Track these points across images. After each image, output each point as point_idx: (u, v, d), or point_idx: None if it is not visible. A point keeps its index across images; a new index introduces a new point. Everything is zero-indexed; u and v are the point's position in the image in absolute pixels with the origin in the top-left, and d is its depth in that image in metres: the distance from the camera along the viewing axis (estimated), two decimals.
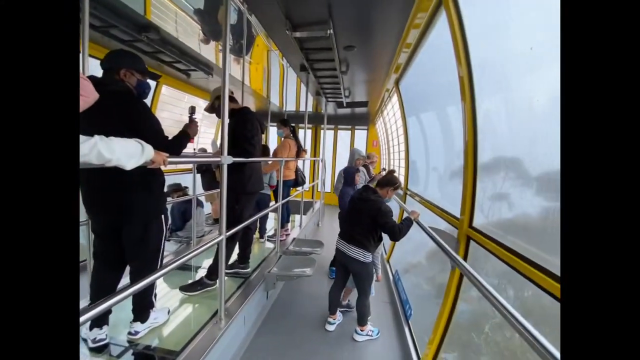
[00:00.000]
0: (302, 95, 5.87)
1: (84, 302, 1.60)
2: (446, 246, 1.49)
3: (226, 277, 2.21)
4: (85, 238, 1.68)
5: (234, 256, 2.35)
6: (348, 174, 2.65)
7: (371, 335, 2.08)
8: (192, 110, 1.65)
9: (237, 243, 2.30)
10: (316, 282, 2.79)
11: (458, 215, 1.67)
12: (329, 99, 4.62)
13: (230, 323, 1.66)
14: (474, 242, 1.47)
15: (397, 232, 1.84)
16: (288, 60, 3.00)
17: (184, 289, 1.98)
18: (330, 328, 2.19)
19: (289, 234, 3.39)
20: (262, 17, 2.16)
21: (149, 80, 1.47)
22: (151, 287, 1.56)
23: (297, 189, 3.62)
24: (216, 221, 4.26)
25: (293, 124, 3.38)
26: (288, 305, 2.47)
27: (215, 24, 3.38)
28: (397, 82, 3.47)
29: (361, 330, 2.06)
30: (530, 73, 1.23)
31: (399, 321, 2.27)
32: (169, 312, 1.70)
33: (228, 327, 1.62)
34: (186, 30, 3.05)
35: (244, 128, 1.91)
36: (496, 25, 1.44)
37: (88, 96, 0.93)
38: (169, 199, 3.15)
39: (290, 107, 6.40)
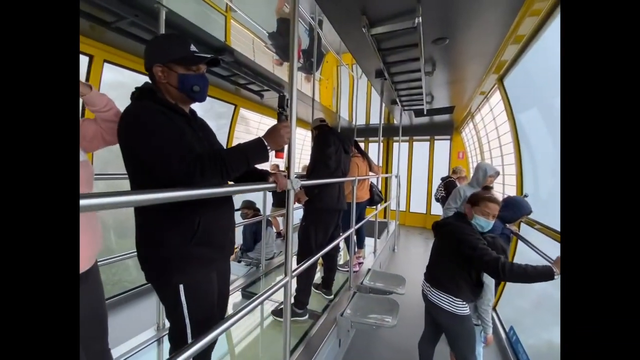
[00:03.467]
0: (373, 107, 5.51)
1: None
2: None
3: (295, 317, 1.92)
4: None
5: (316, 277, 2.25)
6: (517, 205, 1.80)
7: None
8: (284, 102, 1.06)
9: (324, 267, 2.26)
10: (401, 330, 2.25)
11: None
12: (405, 107, 4.11)
13: None
14: None
15: (499, 266, 1.17)
16: (362, 66, 2.68)
17: (275, 313, 1.97)
18: None
19: (362, 263, 2.96)
20: (334, 17, 1.90)
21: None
22: None
23: (374, 207, 3.18)
24: (279, 234, 4.12)
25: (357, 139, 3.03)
26: (365, 357, 2.02)
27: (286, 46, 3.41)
28: (500, 79, 2.76)
29: None
30: None
31: None
32: None
33: None
34: (259, 50, 3.11)
35: (318, 149, 1.95)
36: None
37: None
38: (239, 218, 3.15)
39: (360, 120, 6.10)
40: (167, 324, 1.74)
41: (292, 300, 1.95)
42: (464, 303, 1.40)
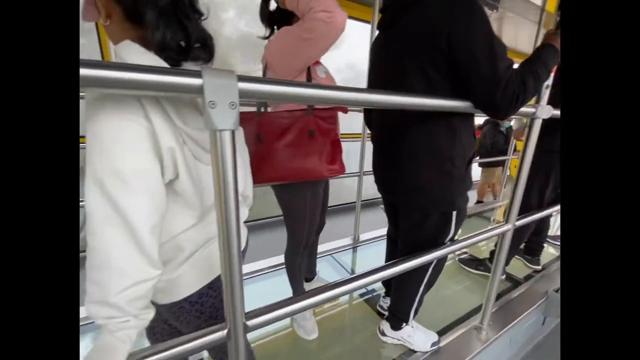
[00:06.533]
0: None
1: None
2: None
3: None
4: None
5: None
6: None
7: None
8: None
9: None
10: None
11: None
12: None
13: (495, 340, 1.22)
14: None
15: None
16: None
17: (463, 261, 1.80)
18: None
19: None
20: None
21: None
22: (412, 296, 1.08)
23: None
24: (479, 202, 3.38)
25: None
26: None
27: None
28: None
29: None
30: None
31: None
32: (433, 344, 1.15)
33: (491, 344, 1.20)
34: None
35: None
36: None
37: None
38: None
39: None
40: (362, 238, 2.07)
41: (488, 255, 1.74)
42: None
